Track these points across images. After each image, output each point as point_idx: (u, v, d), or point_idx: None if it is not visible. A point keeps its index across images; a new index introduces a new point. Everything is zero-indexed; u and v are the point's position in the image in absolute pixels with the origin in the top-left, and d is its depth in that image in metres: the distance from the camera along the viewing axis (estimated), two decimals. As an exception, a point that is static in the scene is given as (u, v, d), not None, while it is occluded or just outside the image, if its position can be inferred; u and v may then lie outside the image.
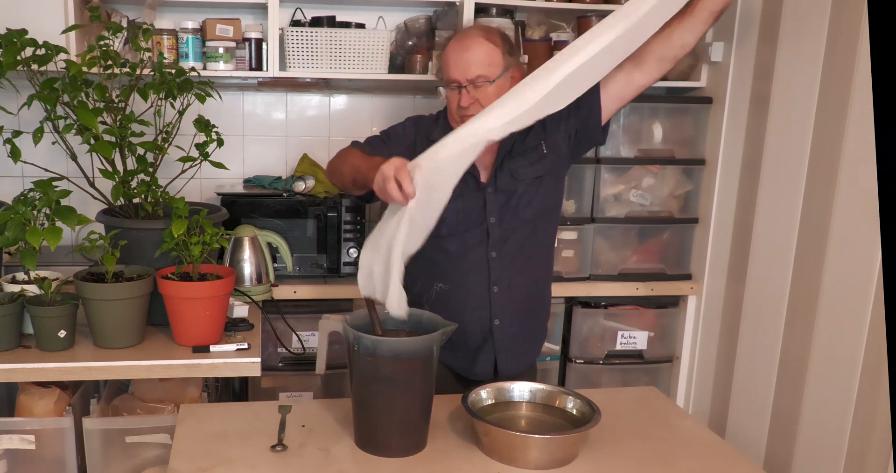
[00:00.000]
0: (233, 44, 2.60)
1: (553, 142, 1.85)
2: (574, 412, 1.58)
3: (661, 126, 2.80)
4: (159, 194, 2.01)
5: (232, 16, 2.65)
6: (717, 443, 1.61)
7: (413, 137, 1.89)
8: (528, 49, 2.75)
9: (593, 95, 1.81)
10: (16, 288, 1.86)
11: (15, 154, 1.84)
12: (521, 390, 1.64)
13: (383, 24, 2.84)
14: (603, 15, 2.80)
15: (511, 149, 1.83)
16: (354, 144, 1.90)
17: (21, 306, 1.80)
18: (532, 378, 1.94)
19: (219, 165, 2.09)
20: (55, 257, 2.27)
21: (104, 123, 1.91)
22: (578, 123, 1.85)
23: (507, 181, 1.82)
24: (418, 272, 1.76)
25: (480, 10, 2.67)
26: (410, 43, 2.74)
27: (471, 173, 1.80)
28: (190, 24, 2.55)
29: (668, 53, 1.78)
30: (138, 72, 1.99)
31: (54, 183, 1.74)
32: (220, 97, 2.59)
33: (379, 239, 1.54)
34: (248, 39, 2.63)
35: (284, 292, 2.51)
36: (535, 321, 1.95)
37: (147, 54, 2.01)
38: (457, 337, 1.81)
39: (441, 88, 1.83)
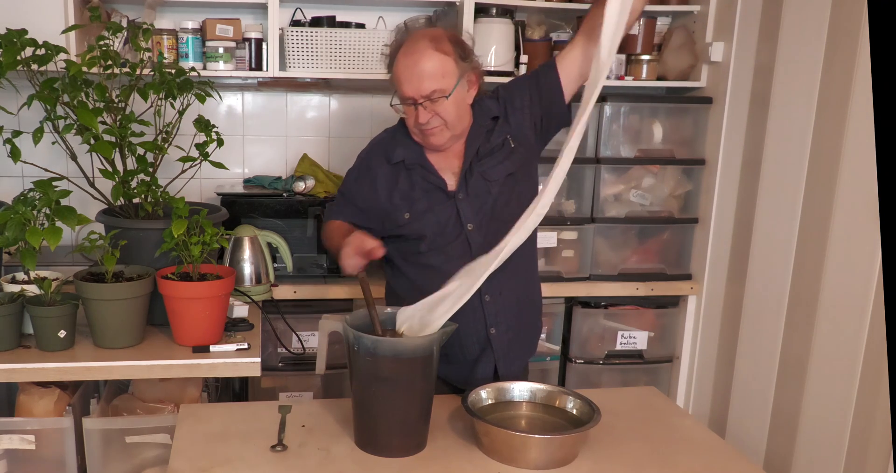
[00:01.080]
0: (233, 44, 2.60)
1: (519, 134, 1.81)
2: (574, 412, 1.58)
3: (661, 126, 2.80)
4: (159, 194, 2.01)
5: (232, 16, 2.65)
6: (717, 443, 1.61)
7: (373, 164, 1.86)
8: (528, 49, 2.75)
9: (552, 78, 1.77)
10: (16, 288, 1.85)
11: (15, 154, 1.84)
12: (521, 390, 1.64)
13: (383, 24, 2.84)
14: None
15: (477, 151, 1.78)
16: (329, 213, 1.94)
17: (21, 306, 1.80)
18: (525, 378, 1.92)
19: (219, 166, 2.09)
20: (55, 257, 2.27)
21: (104, 123, 1.91)
22: (542, 110, 1.80)
23: (478, 184, 1.77)
24: (405, 291, 1.73)
25: (480, 10, 2.67)
26: (410, 43, 2.74)
27: (437, 186, 1.78)
28: (190, 24, 2.56)
29: None
30: (138, 72, 1.98)
31: (54, 183, 1.74)
32: (220, 97, 2.60)
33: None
34: (248, 39, 2.63)
35: (284, 292, 2.51)
36: (529, 321, 1.92)
37: (147, 54, 2.00)
38: (453, 351, 1.79)
39: (397, 105, 1.77)
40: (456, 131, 1.77)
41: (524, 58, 2.73)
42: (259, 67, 2.65)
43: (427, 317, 1.52)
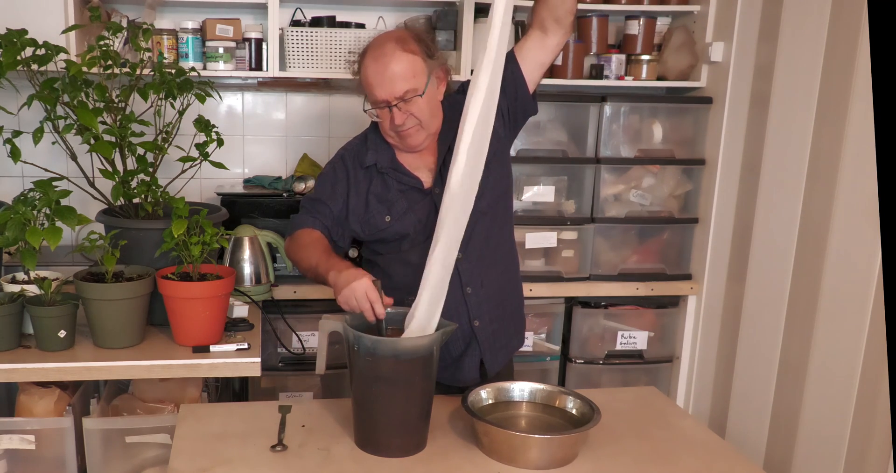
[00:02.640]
0: (233, 44, 2.60)
1: None
2: (574, 412, 1.58)
3: (661, 126, 2.80)
4: (159, 194, 2.01)
5: (232, 16, 2.65)
6: (717, 443, 1.61)
7: (345, 171, 1.84)
8: (528, 49, 2.74)
9: (513, 68, 1.77)
10: (16, 288, 1.85)
11: (15, 154, 1.84)
12: (521, 390, 1.64)
13: (383, 24, 2.84)
14: (603, 15, 2.82)
15: (450, 145, 1.76)
16: (299, 221, 1.84)
17: (21, 306, 1.80)
18: (510, 375, 1.92)
19: (219, 166, 2.09)
20: (55, 257, 2.27)
21: (104, 123, 1.91)
22: (507, 101, 1.80)
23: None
24: (385, 289, 1.68)
25: (480, 10, 2.67)
26: (410, 43, 2.73)
27: (412, 186, 1.79)
28: (190, 24, 2.56)
29: (558, 12, 1.71)
30: (138, 72, 1.98)
31: (54, 183, 1.74)
32: (220, 97, 2.59)
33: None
34: (248, 39, 2.63)
35: (284, 292, 2.51)
36: (512, 311, 1.92)
37: (147, 54, 2.00)
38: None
39: (371, 111, 1.76)
40: (431, 130, 1.77)
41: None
42: (259, 67, 2.65)
43: (419, 315, 1.53)
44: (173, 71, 2.02)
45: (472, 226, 1.77)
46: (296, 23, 2.70)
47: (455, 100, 1.83)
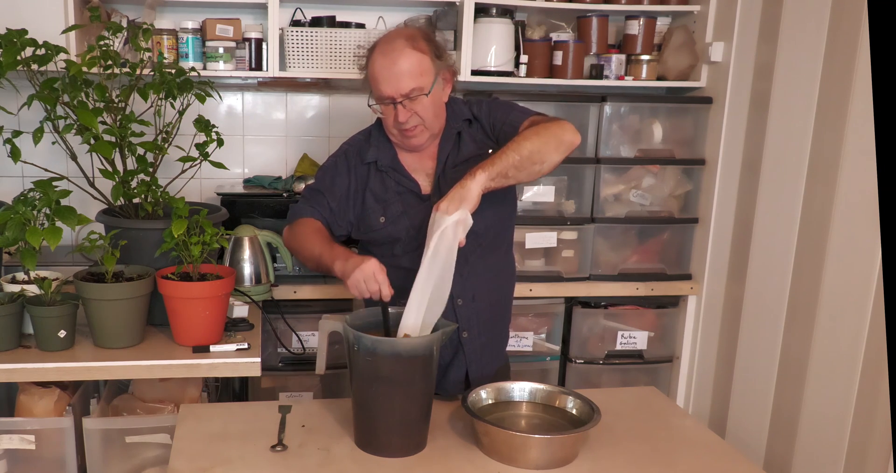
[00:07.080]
0: (233, 44, 2.60)
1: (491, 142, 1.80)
2: (574, 412, 1.58)
3: (661, 126, 2.80)
4: (159, 194, 2.01)
5: (232, 16, 2.65)
6: (717, 443, 1.61)
7: (346, 166, 1.84)
8: (527, 49, 2.75)
9: (502, 117, 1.77)
10: (16, 288, 1.85)
11: (15, 154, 1.84)
12: (521, 390, 1.64)
13: (383, 24, 2.84)
14: (603, 15, 2.82)
15: (448, 155, 1.78)
16: (298, 211, 1.83)
17: (21, 306, 1.80)
18: (506, 377, 1.92)
19: (219, 166, 2.09)
20: (55, 257, 2.27)
21: (104, 123, 1.91)
22: (495, 138, 1.80)
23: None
24: None
25: (480, 10, 2.67)
26: (410, 43, 2.73)
27: (409, 189, 1.78)
28: (190, 24, 2.56)
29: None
30: (138, 72, 1.98)
31: (54, 183, 1.74)
32: (220, 97, 2.59)
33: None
34: (248, 39, 2.63)
35: (284, 292, 2.51)
36: (501, 326, 1.92)
37: (147, 54, 2.00)
38: None
39: (375, 106, 1.76)
40: (434, 130, 1.77)
41: (524, 58, 2.73)
42: (259, 67, 2.65)
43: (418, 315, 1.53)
44: (173, 71, 2.02)
45: (468, 238, 1.76)
46: (296, 23, 2.70)
47: (458, 107, 1.82)
